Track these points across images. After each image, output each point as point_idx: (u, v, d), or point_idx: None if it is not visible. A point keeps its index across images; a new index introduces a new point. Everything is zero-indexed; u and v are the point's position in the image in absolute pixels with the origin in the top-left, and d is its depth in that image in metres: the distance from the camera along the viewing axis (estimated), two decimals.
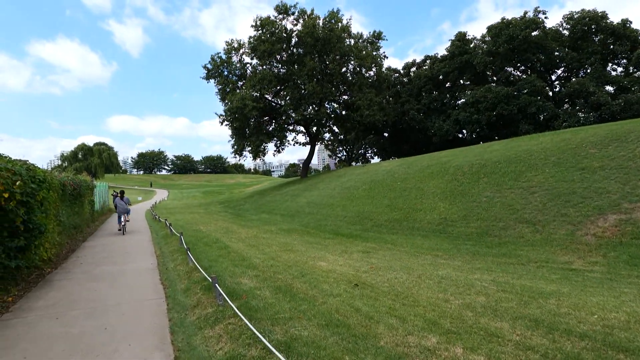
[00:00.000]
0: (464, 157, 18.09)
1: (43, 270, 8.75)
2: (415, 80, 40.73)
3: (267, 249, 11.02)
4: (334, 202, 18.81)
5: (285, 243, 12.12)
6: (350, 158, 64.19)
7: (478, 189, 14.15)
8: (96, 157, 66.27)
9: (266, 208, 23.70)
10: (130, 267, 8.72)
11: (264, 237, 13.38)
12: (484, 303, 5.72)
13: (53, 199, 10.29)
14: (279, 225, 16.97)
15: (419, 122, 37.21)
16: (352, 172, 25.50)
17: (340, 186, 21.58)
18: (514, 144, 18.28)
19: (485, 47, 34.35)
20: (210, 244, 11.70)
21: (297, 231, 14.92)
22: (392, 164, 23.08)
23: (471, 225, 12.10)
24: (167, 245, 11.69)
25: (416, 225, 13.22)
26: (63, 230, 11.83)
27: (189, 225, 17.34)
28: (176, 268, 8.36)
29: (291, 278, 7.27)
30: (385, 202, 16.10)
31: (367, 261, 9.25)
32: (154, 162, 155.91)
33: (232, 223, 18.55)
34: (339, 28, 29.89)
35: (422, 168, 18.65)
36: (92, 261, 9.66)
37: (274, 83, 29.69)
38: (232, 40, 32.32)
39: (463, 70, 36.75)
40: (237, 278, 7.07)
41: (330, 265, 8.78)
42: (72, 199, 13.53)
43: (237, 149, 32.91)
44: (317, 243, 12.17)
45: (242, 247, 11.29)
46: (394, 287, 6.73)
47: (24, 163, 8.30)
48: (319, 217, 17.13)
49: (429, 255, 9.90)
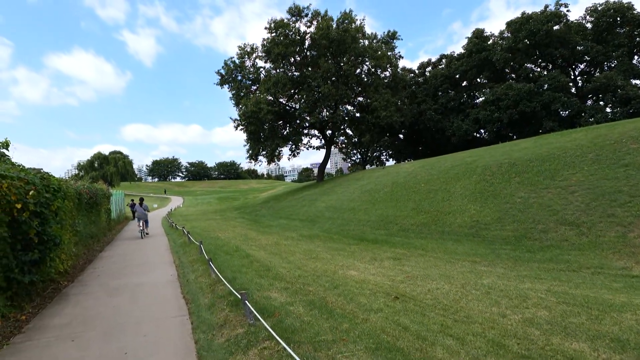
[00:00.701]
0: (490, 157, 17.26)
1: (59, 283, 8.34)
2: (432, 80, 39.83)
3: (290, 257, 10.45)
4: (355, 206, 18.16)
5: (308, 250, 11.54)
6: (365, 161, 63.40)
7: (510, 189, 13.34)
8: (112, 165, 67.00)
9: (284, 213, 23.16)
10: (149, 279, 8.24)
11: (286, 244, 12.82)
12: (547, 318, 5.02)
13: (69, 208, 9.92)
14: (299, 231, 16.39)
15: (437, 122, 36.29)
16: (371, 174, 24.82)
17: (360, 189, 20.92)
18: (543, 141, 17.38)
19: (505, 43, 33.35)
20: (230, 252, 11.18)
21: (319, 237, 14.32)
22: (412, 166, 22.33)
23: (507, 228, 11.32)
24: (186, 255, 11.22)
25: (446, 229, 12.48)
26: (79, 240, 11.47)
27: (206, 233, 16.90)
28: (198, 280, 7.83)
29: (323, 290, 6.67)
30: (410, 205, 15.39)
31: (400, 269, 8.59)
32: (168, 169, 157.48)
33: (250, 229, 18.05)
34: (353, 28, 29.34)
35: (446, 169, 17.88)
36: (109, 273, 9.23)
37: (288, 86, 29.23)
38: (244, 44, 32.10)
39: (481, 67, 35.75)
40: (264, 291, 6.49)
41: (362, 274, 8.15)
42: (89, 207, 13.21)
43: (252, 153, 32.49)
44: (342, 250, 11.55)
45: (264, 255, 10.74)
46: (439, 300, 6.07)
47: (37, 172, 7.92)
48: (340, 222, 16.50)
49: (466, 262, 9.18)
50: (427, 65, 44.51)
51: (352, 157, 65.83)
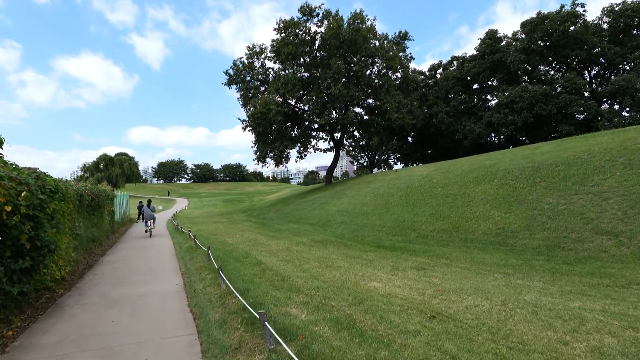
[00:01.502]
0: (511, 160, 16.46)
1: (55, 292, 7.67)
2: (443, 82, 39.01)
3: (304, 264, 9.73)
4: (368, 210, 17.41)
5: (323, 257, 10.80)
6: (372, 164, 62.57)
7: (536, 194, 12.54)
8: (117, 167, 66.60)
9: (293, 217, 22.45)
10: (152, 289, 7.54)
11: (297, 250, 12.09)
12: (619, 348, 4.25)
13: (68, 211, 9.26)
14: (310, 236, 15.67)
15: (448, 125, 35.43)
16: (382, 178, 24.06)
17: (372, 193, 20.17)
18: (566, 144, 16.55)
19: (519, 44, 32.49)
20: (240, 259, 10.48)
21: (332, 243, 13.58)
22: (426, 169, 21.54)
23: (536, 236, 10.53)
24: (192, 261, 10.53)
25: (469, 237, 11.70)
26: (80, 244, 10.82)
27: (213, 237, 16.23)
28: (206, 290, 7.13)
29: (347, 306, 5.94)
30: (427, 210, 14.62)
31: (427, 281, 7.83)
32: (174, 171, 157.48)
33: (259, 234, 17.35)
34: (365, 28, 28.68)
35: (463, 173, 17.10)
36: (110, 280, 8.55)
37: (298, 87, 28.56)
38: (254, 44, 31.53)
39: (494, 69, 34.88)
40: (282, 306, 5.77)
41: (386, 286, 7.41)
42: (91, 210, 12.56)
43: (260, 155, 31.83)
44: (359, 257, 10.80)
45: (276, 262, 10.03)
46: (482, 320, 5.31)
47: (33, 171, 7.27)
48: (353, 227, 15.76)
49: (497, 274, 8.39)
50: (437, 67, 43.71)
51: (359, 160, 65.12)
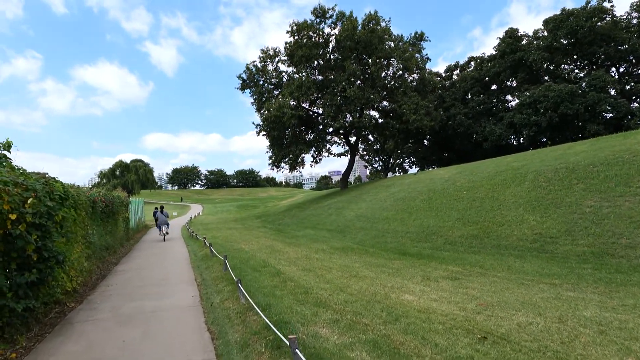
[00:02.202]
0: (541, 161, 15.57)
1: (65, 305, 7.20)
2: (461, 83, 38.04)
3: (327, 274, 9.09)
4: (388, 215, 16.69)
5: (345, 266, 10.15)
6: (387, 168, 61.64)
7: (575, 197, 11.67)
8: (133, 173, 67.24)
9: (309, 223, 21.84)
10: (167, 303, 7.00)
11: (318, 259, 11.46)
12: None
13: (80, 218, 8.83)
14: (329, 242, 15.03)
15: (467, 127, 34.43)
16: (401, 181, 23.30)
17: (392, 197, 19.43)
18: (602, 144, 15.58)
19: (541, 42, 31.39)
20: (258, 268, 9.90)
21: (354, 250, 12.91)
22: (448, 172, 20.72)
23: (579, 242, 9.68)
24: (208, 270, 10.00)
25: (502, 243, 10.90)
26: (93, 253, 10.40)
27: (229, 244, 15.73)
28: (224, 305, 6.56)
29: (382, 324, 5.28)
30: (453, 214, 13.85)
31: (464, 293, 7.11)
32: (188, 177, 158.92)
33: (276, 240, 16.78)
34: (380, 29, 28.09)
35: (489, 175, 16.26)
36: (123, 292, 8.06)
37: (312, 90, 28.07)
38: (267, 48, 31.24)
39: (515, 69, 33.79)
40: (310, 325, 5.15)
41: (421, 299, 6.71)
42: (105, 217, 12.18)
43: (275, 160, 31.41)
44: (384, 266, 10.11)
45: (296, 272, 9.41)
46: (542, 342, 4.59)
47: (41, 177, 6.84)
48: (374, 233, 15.06)
49: (542, 284, 7.61)
50: (454, 68, 42.77)
51: (373, 164, 64.25)
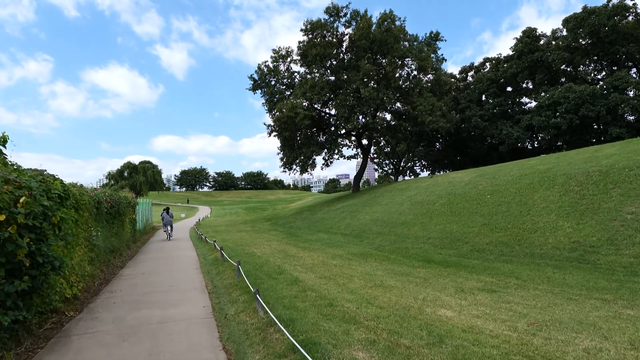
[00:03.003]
0: (569, 164, 14.69)
1: (63, 314, 6.53)
2: (476, 84, 37.10)
3: (349, 283, 8.33)
4: (407, 219, 15.89)
5: (367, 274, 9.38)
6: (398, 171, 60.67)
7: (612, 202, 10.79)
8: (141, 175, 67.05)
9: (322, 226, 21.10)
10: (175, 313, 6.31)
11: (336, 265, 10.72)
12: None
13: (83, 219, 8.19)
14: (346, 247, 14.27)
15: (483, 129, 33.48)
16: (417, 185, 22.47)
17: (409, 201, 18.62)
18: (634, 147, 14.64)
19: (561, 42, 30.39)
20: (273, 275, 9.18)
21: (373, 256, 12.13)
22: (467, 175, 19.86)
23: (624, 252, 8.81)
24: (220, 276, 9.31)
25: (536, 251, 10.05)
26: (96, 256, 9.76)
27: (239, 248, 15.05)
28: (240, 317, 5.84)
29: (426, 346, 4.52)
30: (478, 219, 13.02)
31: (508, 308, 6.31)
32: (196, 179, 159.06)
33: (288, 244, 16.06)
34: (396, 28, 27.35)
35: (513, 178, 15.40)
36: (127, 300, 7.39)
37: (325, 90, 27.38)
38: (279, 47, 30.62)
39: (533, 69, 32.79)
40: (343, 347, 4.39)
41: (461, 315, 5.93)
42: (110, 218, 11.57)
43: (287, 161, 30.73)
44: (409, 274, 9.32)
45: (315, 280, 8.67)
46: None
47: (38, 174, 6.19)
48: (393, 238, 14.27)
49: (592, 299, 6.78)
50: (469, 69, 41.83)
51: (383, 167, 63.30)
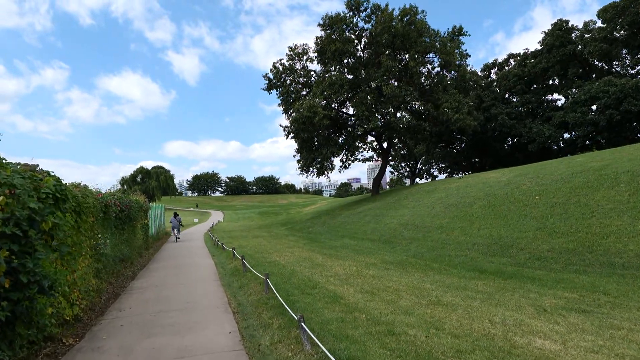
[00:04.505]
0: (629, 161, 13.09)
1: (60, 342, 5.32)
2: (501, 81, 35.42)
3: (399, 300, 6.96)
4: (443, 223, 14.45)
5: (415, 287, 7.99)
6: (414, 174, 59.02)
7: None
8: (154, 179, 66.82)
9: (345, 231, 19.73)
10: (195, 342, 5.04)
11: (374, 276, 9.35)
12: None
13: (87, 225, 6.99)
14: (378, 255, 12.90)
15: (510, 128, 31.76)
16: (445, 186, 20.97)
17: (441, 203, 17.16)
18: None
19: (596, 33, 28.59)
20: (306, 289, 7.87)
21: (413, 265, 10.74)
22: (503, 175, 18.31)
23: None
24: (242, 290, 8.05)
25: (615, 260, 8.53)
26: (104, 267, 8.56)
27: (260, 255, 13.80)
28: (278, 351, 4.54)
29: None
30: (530, 223, 11.52)
31: (622, 336, 4.85)
32: (208, 183, 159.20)
33: (312, 251, 14.76)
34: (419, 21, 25.99)
35: (563, 177, 13.87)
36: (138, 320, 6.16)
37: (345, 88, 26.08)
38: (295, 45, 29.47)
39: (565, 63, 30.96)
40: None
41: (569, 349, 4.51)
42: (120, 223, 10.40)
43: (304, 164, 29.47)
44: (466, 288, 7.90)
45: (357, 296, 7.31)
46: None
47: (28, 169, 4.96)
48: (431, 245, 12.84)
49: None
50: (491, 66, 40.10)
51: (399, 170, 61.74)
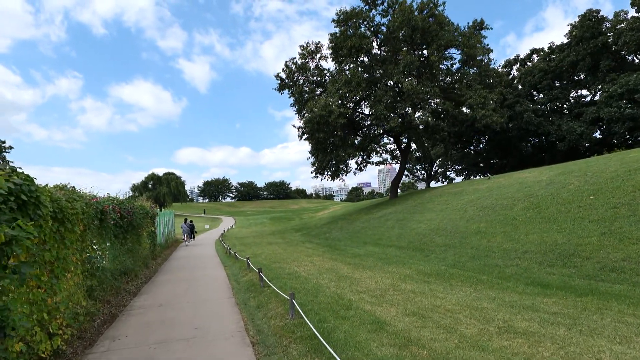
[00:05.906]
0: None
1: None
2: (525, 77, 33.70)
3: (458, 326, 5.53)
4: (479, 228, 12.93)
5: (470, 307, 6.54)
6: (430, 177, 57.24)
7: None
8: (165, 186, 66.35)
9: (366, 237, 18.27)
10: None
11: (413, 291, 7.92)
12: None
13: (74, 236, 5.69)
14: (410, 264, 11.45)
15: (537, 126, 29.98)
16: (474, 187, 19.40)
17: (473, 205, 15.64)
18: None
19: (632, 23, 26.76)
20: (339, 310, 6.49)
21: (455, 277, 9.28)
22: (540, 174, 16.70)
23: None
24: (262, 312, 6.71)
25: None
26: (100, 283, 7.28)
27: (276, 265, 12.46)
28: None
29: None
30: (590, 227, 9.97)
31: None
32: (219, 189, 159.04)
33: (334, 260, 13.36)
34: (439, 14, 24.59)
35: (618, 175, 12.28)
36: (133, 357, 4.84)
37: (362, 86, 24.69)
38: (308, 43, 28.21)
39: (597, 56, 29.14)
40: None
41: None
42: (121, 232, 9.16)
43: (319, 166, 28.11)
44: (536, 308, 6.42)
45: (404, 320, 5.90)
46: None
47: None
48: (471, 253, 11.34)
49: None
50: (513, 62, 38.33)
51: (414, 172, 60.03)
